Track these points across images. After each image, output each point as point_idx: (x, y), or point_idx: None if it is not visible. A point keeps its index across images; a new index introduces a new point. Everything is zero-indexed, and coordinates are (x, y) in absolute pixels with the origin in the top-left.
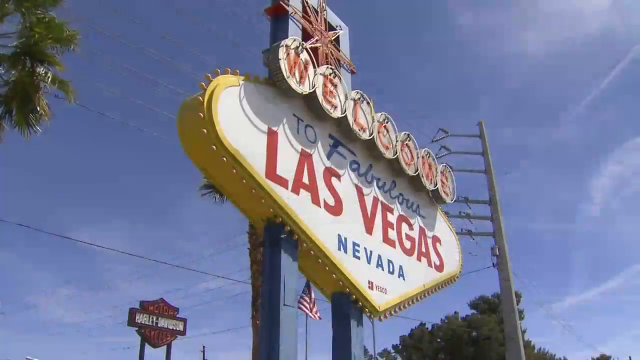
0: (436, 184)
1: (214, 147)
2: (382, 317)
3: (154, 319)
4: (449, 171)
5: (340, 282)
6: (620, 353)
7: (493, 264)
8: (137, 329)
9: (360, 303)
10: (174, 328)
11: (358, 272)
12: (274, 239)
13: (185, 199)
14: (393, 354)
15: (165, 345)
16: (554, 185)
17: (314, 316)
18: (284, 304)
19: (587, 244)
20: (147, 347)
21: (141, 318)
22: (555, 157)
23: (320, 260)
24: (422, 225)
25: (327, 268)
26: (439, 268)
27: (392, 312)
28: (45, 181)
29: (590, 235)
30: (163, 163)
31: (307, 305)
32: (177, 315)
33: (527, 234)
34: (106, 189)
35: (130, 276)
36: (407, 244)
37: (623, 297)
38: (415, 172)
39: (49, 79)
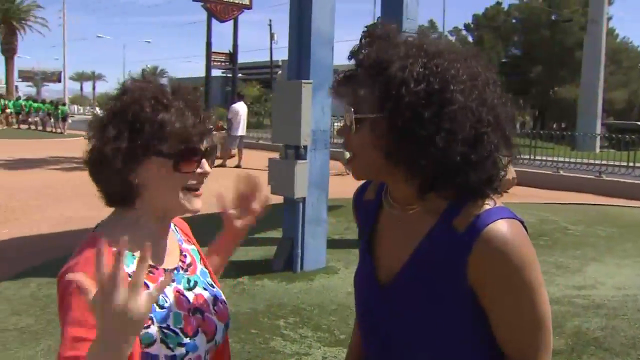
0: None
1: None
2: None
3: None
4: None
5: None
6: None
7: None
8: (202, 4)
9: None
10: (240, 2)
11: None
12: None
13: None
14: (464, 32)
15: (232, 20)
16: None
17: None
18: None
19: None
20: (214, 22)
21: None
22: None
23: None
24: None
25: None
26: None
27: None
28: None
29: None
30: None
31: None
32: None
33: None
34: None
35: None
36: None
37: None
38: None
39: None
